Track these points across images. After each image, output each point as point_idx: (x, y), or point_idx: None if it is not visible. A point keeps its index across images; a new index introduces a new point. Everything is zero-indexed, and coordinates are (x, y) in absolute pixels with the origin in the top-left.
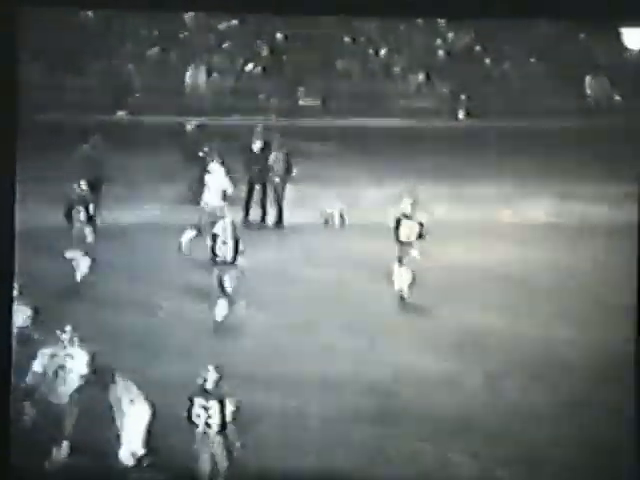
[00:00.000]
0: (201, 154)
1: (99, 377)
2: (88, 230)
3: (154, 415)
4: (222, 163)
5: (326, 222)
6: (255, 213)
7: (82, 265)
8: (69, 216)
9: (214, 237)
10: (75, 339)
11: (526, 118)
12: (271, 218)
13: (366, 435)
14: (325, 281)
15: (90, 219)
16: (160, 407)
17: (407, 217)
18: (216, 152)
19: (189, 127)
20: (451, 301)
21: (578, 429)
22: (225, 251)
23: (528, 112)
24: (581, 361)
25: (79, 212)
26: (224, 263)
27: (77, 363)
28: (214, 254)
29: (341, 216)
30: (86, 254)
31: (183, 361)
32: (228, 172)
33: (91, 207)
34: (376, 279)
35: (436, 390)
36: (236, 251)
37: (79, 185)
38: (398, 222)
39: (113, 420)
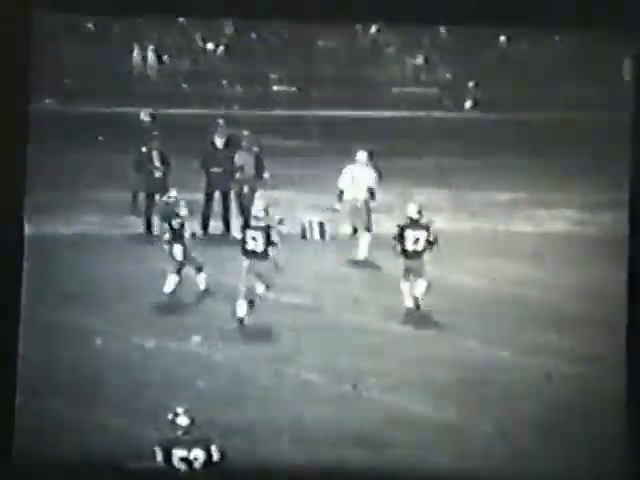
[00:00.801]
0: (144, 149)
1: None
2: (177, 247)
3: None
4: (168, 165)
5: (303, 235)
6: (216, 225)
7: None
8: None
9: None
10: None
11: (549, 110)
12: (236, 231)
13: None
14: (302, 306)
15: (176, 233)
16: None
17: (413, 223)
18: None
19: (145, 119)
20: (452, 329)
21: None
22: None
23: (551, 103)
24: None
25: (165, 226)
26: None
27: None
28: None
29: (321, 227)
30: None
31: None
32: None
33: (179, 219)
34: (364, 304)
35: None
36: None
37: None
38: (402, 230)
39: None
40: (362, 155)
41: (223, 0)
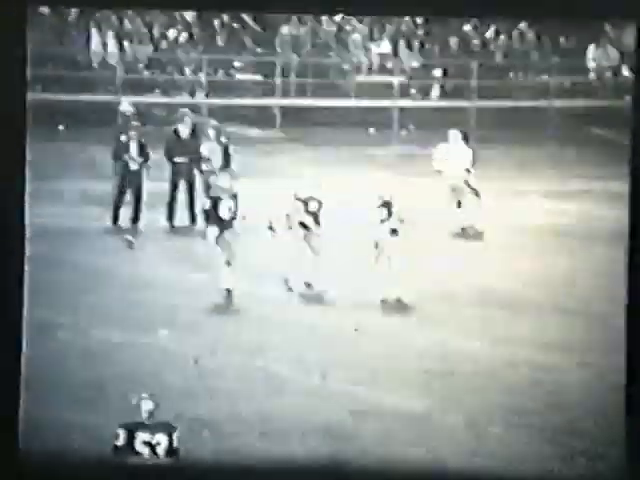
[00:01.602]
0: (123, 138)
1: None
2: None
3: None
4: (146, 158)
5: (271, 228)
6: (181, 217)
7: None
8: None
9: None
10: None
11: (516, 98)
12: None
13: None
14: (270, 300)
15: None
16: None
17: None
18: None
19: (128, 108)
20: (425, 322)
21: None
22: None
23: (518, 90)
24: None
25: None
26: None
27: None
28: None
29: (288, 219)
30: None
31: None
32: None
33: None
34: (332, 292)
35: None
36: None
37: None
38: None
39: None
40: (454, 134)
41: None
